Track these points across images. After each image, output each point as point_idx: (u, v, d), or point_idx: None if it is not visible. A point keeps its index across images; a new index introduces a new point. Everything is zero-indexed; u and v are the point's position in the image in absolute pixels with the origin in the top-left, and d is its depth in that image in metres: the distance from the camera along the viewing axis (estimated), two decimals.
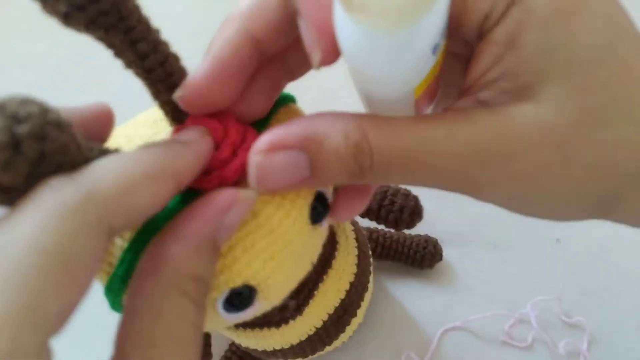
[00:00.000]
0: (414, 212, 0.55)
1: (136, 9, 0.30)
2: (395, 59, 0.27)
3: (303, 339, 0.51)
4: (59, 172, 0.25)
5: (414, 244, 0.64)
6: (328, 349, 0.55)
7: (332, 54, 0.30)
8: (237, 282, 0.34)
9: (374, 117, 0.30)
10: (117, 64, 0.33)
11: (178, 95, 0.33)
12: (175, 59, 0.33)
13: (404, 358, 0.61)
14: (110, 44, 0.30)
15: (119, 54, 0.31)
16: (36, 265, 0.22)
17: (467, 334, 0.62)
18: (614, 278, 0.64)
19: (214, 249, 0.31)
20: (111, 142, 0.36)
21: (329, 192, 0.39)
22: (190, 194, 0.33)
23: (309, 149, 0.30)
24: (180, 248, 0.29)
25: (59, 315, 0.23)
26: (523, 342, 0.61)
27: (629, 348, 0.59)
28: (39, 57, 0.99)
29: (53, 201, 0.23)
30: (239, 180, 0.34)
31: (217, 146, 0.34)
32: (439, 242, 0.66)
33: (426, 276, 0.67)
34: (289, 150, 0.30)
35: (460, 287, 0.66)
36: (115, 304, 0.34)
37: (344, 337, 0.55)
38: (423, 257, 0.64)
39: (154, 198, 0.27)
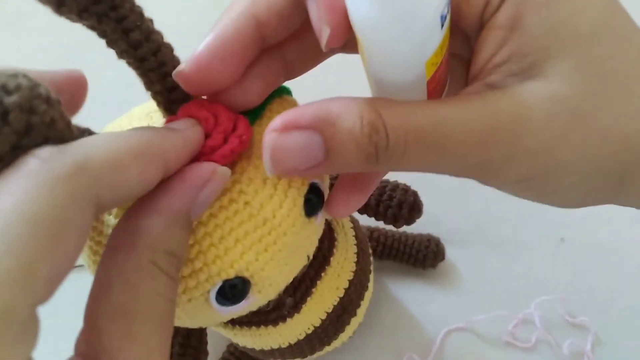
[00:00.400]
0: (413, 208, 0.54)
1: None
2: (406, 26, 0.27)
3: (301, 338, 0.50)
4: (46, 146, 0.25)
5: (416, 243, 0.63)
6: (328, 349, 0.54)
7: (341, 30, 0.30)
8: (230, 273, 0.34)
9: (388, 99, 0.30)
10: (116, 61, 0.32)
11: (179, 70, 0.32)
12: (168, 48, 0.33)
13: (406, 359, 0.60)
14: (102, 33, 0.30)
15: (111, 43, 0.31)
16: (26, 233, 0.22)
17: (470, 335, 0.62)
18: (618, 278, 0.63)
19: (188, 225, 0.30)
20: None
21: (323, 185, 0.39)
22: None
23: (323, 129, 0.30)
24: (155, 222, 0.29)
25: (48, 282, 0.23)
26: (527, 343, 0.60)
27: (633, 349, 0.58)
28: (37, 53, 0.99)
29: (43, 171, 0.23)
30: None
31: (208, 135, 0.33)
32: (442, 242, 0.65)
33: (429, 277, 0.66)
34: (302, 131, 0.30)
35: (463, 287, 0.65)
36: None
37: (343, 337, 0.54)
38: (425, 257, 0.63)
39: (141, 176, 0.27)
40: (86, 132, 0.30)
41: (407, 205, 0.53)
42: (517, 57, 0.29)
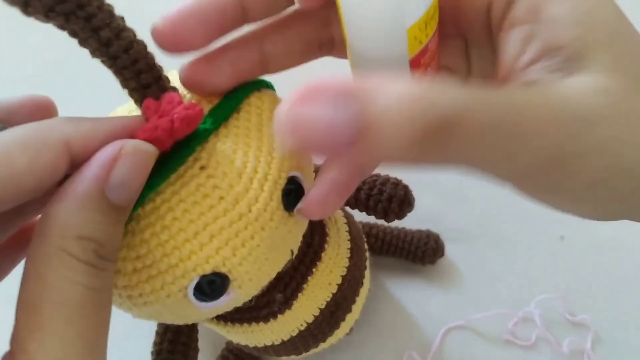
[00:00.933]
0: (404, 201, 0.53)
1: None
2: None
3: (294, 335, 0.50)
4: None
5: (414, 239, 0.63)
6: (323, 345, 0.54)
7: None
8: (207, 268, 0.34)
9: (421, 82, 0.24)
10: None
11: (154, 25, 0.32)
12: (140, 45, 0.33)
13: (406, 358, 0.60)
14: (72, 33, 0.30)
15: (82, 42, 0.31)
16: None
17: (470, 333, 0.61)
18: (618, 276, 0.62)
19: (107, 208, 0.29)
20: None
21: (306, 179, 0.39)
22: None
23: (359, 97, 0.23)
24: (60, 207, 0.28)
25: None
26: (527, 341, 0.60)
27: (634, 347, 0.58)
28: (34, 50, 1.00)
29: None
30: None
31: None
32: (443, 239, 0.65)
33: (429, 274, 0.66)
34: (325, 103, 0.23)
35: (463, 285, 0.65)
36: None
37: (339, 333, 0.54)
38: (424, 253, 0.63)
39: (31, 166, 0.27)
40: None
41: (398, 199, 0.53)
42: (552, 51, 0.27)
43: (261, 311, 0.47)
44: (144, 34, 0.33)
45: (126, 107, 0.39)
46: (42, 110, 0.34)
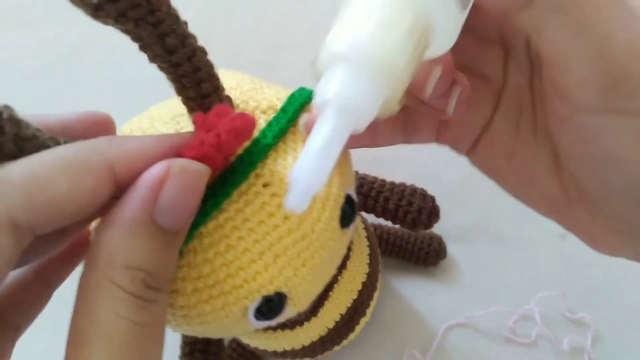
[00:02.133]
0: (432, 213, 0.54)
1: (166, 1, 0.28)
2: None
3: (315, 339, 0.50)
4: None
5: (418, 241, 0.63)
6: (336, 348, 0.54)
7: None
8: (270, 289, 0.33)
9: None
10: (113, 56, 0.31)
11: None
12: (202, 52, 0.31)
13: (406, 355, 0.60)
14: (137, 37, 0.29)
15: (144, 47, 0.30)
16: None
17: (470, 331, 0.62)
18: (618, 274, 0.63)
19: (157, 234, 0.27)
20: None
21: (354, 194, 0.38)
22: None
23: None
24: (110, 235, 0.27)
25: None
26: (527, 339, 0.60)
27: (633, 345, 0.59)
28: (38, 48, 0.96)
29: None
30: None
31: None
32: (444, 238, 0.65)
33: (430, 272, 0.66)
34: None
35: (464, 283, 0.65)
36: None
37: (351, 336, 0.54)
38: (427, 255, 0.63)
39: (73, 190, 0.25)
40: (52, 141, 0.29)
41: (427, 211, 0.53)
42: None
43: (289, 319, 0.46)
44: None
45: (165, 111, 0.38)
46: (99, 127, 0.32)
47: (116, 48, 0.66)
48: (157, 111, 0.39)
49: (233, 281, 0.32)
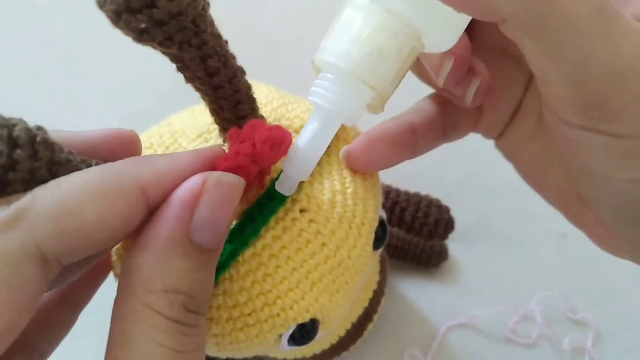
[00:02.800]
0: (448, 225, 0.54)
1: (211, 21, 0.27)
2: None
3: (326, 347, 0.50)
4: (28, 189, 0.24)
5: (420, 243, 0.63)
6: (345, 354, 0.54)
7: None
8: (306, 317, 0.33)
9: None
10: (114, 56, 0.30)
11: (347, 151, 0.36)
12: (242, 73, 0.30)
13: (407, 355, 0.60)
14: (178, 59, 0.28)
15: (183, 69, 0.28)
16: None
17: (471, 331, 0.62)
18: (619, 274, 0.64)
19: (193, 253, 0.26)
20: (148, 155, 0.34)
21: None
22: None
23: None
24: (144, 258, 0.26)
25: None
26: (527, 339, 0.60)
27: (634, 345, 0.60)
28: (36, 47, 0.94)
29: None
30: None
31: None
32: (445, 242, 0.65)
33: (430, 272, 0.66)
34: None
35: (464, 283, 0.65)
36: None
37: (359, 341, 0.54)
38: (429, 257, 0.63)
39: (103, 216, 0.24)
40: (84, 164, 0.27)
41: (443, 223, 0.53)
42: None
43: None
44: None
45: (190, 127, 0.37)
46: (126, 146, 0.31)
47: (116, 48, 0.64)
48: (179, 123, 0.38)
49: (270, 310, 0.32)
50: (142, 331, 0.25)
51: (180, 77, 0.31)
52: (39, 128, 0.24)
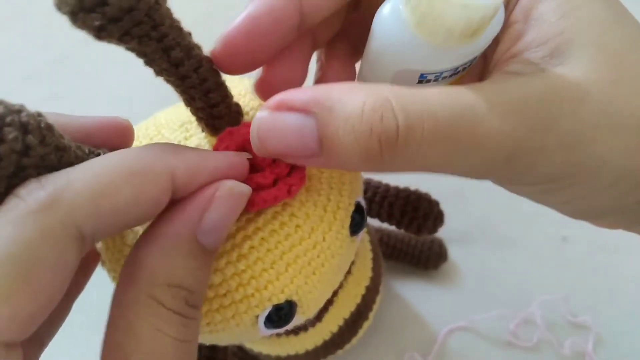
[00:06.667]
0: (437, 219, 0.54)
1: (169, 14, 0.28)
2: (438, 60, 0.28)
3: (319, 344, 0.50)
4: (39, 175, 0.24)
5: (419, 244, 0.63)
6: (339, 352, 0.54)
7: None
8: (281, 298, 0.33)
9: (401, 87, 0.26)
10: (113, 57, 0.31)
11: (212, 50, 0.31)
12: (208, 62, 0.31)
13: (407, 358, 0.60)
14: (141, 54, 0.28)
15: (149, 62, 0.29)
16: None
17: (471, 334, 0.62)
18: (620, 277, 0.64)
19: (198, 253, 0.28)
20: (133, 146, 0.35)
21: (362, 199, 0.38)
22: None
23: (318, 114, 0.26)
24: (152, 252, 0.27)
25: (14, 322, 0.22)
26: (528, 342, 0.60)
27: (635, 348, 0.59)
28: (35, 50, 0.96)
29: (17, 209, 0.23)
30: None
31: (261, 169, 0.32)
32: (445, 241, 0.65)
33: (431, 275, 0.66)
34: (295, 113, 0.27)
35: (465, 286, 0.65)
36: None
37: (354, 340, 0.54)
38: (428, 258, 0.63)
39: (136, 198, 0.25)
40: (93, 154, 0.28)
41: (432, 217, 0.53)
42: (536, 44, 0.27)
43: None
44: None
45: (173, 118, 0.38)
46: (120, 135, 0.32)
47: (114, 50, 0.65)
48: (164, 117, 0.39)
49: (244, 290, 0.32)
50: (146, 319, 0.26)
51: None
52: (40, 114, 0.25)
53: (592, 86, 0.26)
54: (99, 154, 0.28)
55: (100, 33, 0.25)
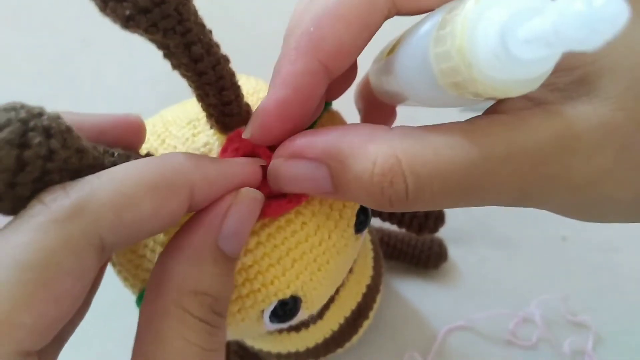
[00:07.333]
0: (439, 218, 0.54)
1: (194, 10, 0.28)
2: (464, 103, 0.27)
3: (319, 342, 0.50)
4: (62, 178, 0.25)
5: (419, 243, 0.63)
6: (339, 351, 0.54)
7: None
8: (287, 293, 0.33)
9: (411, 138, 0.27)
10: (113, 56, 0.31)
11: (248, 135, 0.32)
12: (226, 61, 0.32)
13: (407, 357, 0.60)
14: (163, 46, 0.29)
15: (169, 55, 0.30)
16: (11, 280, 0.21)
17: (471, 333, 0.62)
18: (619, 277, 0.64)
19: (220, 259, 0.28)
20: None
21: None
22: None
23: (331, 165, 0.28)
24: (177, 261, 0.27)
25: (33, 331, 0.22)
26: (527, 341, 0.60)
27: (635, 347, 0.59)
28: (35, 50, 0.96)
29: (41, 214, 0.23)
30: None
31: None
32: (445, 241, 0.65)
33: (430, 275, 0.66)
34: (309, 162, 0.29)
35: (464, 285, 0.65)
36: None
37: (355, 338, 0.54)
38: (428, 258, 0.63)
39: (156, 212, 0.26)
40: (119, 156, 0.28)
41: (434, 217, 0.53)
42: (563, 70, 0.26)
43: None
44: None
45: (181, 115, 0.38)
46: (133, 132, 0.32)
47: (116, 48, 0.66)
48: (171, 115, 0.39)
49: (251, 285, 0.33)
50: (175, 329, 0.26)
51: (180, 78, 0.32)
52: (59, 116, 0.25)
53: (616, 129, 0.25)
54: (113, 154, 0.28)
55: (128, 22, 0.26)
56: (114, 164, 0.27)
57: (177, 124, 0.38)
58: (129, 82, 0.64)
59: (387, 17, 0.29)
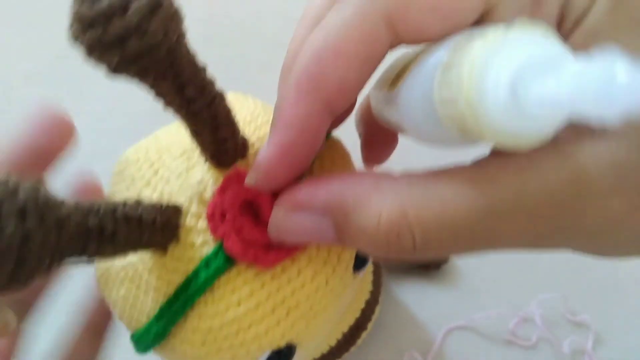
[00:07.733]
0: None
1: (187, 50, 0.26)
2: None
3: (317, 356, 0.49)
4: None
5: None
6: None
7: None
8: (281, 343, 0.33)
9: (417, 188, 0.26)
10: None
11: (252, 182, 0.30)
12: (221, 98, 0.30)
13: (407, 358, 0.60)
14: (153, 89, 0.27)
15: (160, 96, 0.28)
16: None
17: (470, 333, 0.62)
18: (620, 276, 0.63)
19: None
20: (134, 170, 0.35)
21: None
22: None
23: (335, 216, 0.27)
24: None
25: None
26: (527, 341, 0.60)
27: (635, 347, 0.59)
28: (29, 49, 0.95)
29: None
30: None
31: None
32: None
33: (430, 275, 0.66)
34: (311, 213, 0.28)
35: (464, 285, 0.65)
36: (141, 349, 0.34)
37: (353, 349, 0.54)
38: (430, 260, 0.63)
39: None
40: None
41: None
42: None
43: None
44: None
45: (175, 143, 0.37)
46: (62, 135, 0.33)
47: None
48: (165, 139, 0.37)
49: (244, 336, 0.32)
50: None
51: None
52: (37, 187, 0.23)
53: (631, 172, 0.24)
54: (115, 210, 0.27)
55: (116, 70, 0.24)
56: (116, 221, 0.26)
57: (171, 153, 0.36)
58: (128, 82, 0.63)
59: (391, 48, 0.28)
